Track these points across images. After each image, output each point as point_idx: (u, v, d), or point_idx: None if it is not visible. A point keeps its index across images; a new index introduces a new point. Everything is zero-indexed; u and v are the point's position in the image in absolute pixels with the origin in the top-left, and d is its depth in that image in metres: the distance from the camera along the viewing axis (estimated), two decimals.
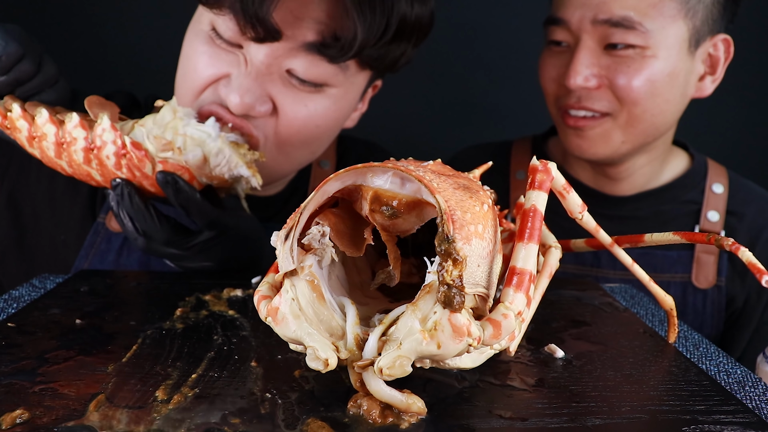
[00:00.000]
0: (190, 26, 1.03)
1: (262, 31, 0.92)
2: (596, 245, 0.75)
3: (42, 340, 0.67)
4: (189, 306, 0.80)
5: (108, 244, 1.15)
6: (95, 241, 1.15)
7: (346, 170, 0.56)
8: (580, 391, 0.60)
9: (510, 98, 1.99)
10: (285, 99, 0.98)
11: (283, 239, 0.56)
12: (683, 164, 1.36)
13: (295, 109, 0.99)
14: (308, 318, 0.54)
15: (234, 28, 0.93)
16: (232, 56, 0.97)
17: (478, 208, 0.56)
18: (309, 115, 1.00)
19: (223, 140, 0.89)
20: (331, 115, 1.04)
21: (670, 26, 1.13)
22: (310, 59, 0.96)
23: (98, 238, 1.15)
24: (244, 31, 0.92)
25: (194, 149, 0.87)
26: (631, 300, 0.93)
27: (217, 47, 0.98)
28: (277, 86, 0.98)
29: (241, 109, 0.95)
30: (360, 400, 0.54)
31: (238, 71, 0.96)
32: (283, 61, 0.96)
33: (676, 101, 1.20)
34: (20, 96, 0.89)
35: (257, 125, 0.99)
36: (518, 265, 0.56)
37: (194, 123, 0.89)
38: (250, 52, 0.96)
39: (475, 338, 0.51)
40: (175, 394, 0.56)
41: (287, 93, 0.98)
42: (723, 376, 0.69)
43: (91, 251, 1.14)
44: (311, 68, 0.96)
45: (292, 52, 0.95)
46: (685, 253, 1.28)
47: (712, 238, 0.65)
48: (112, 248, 1.14)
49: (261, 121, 0.99)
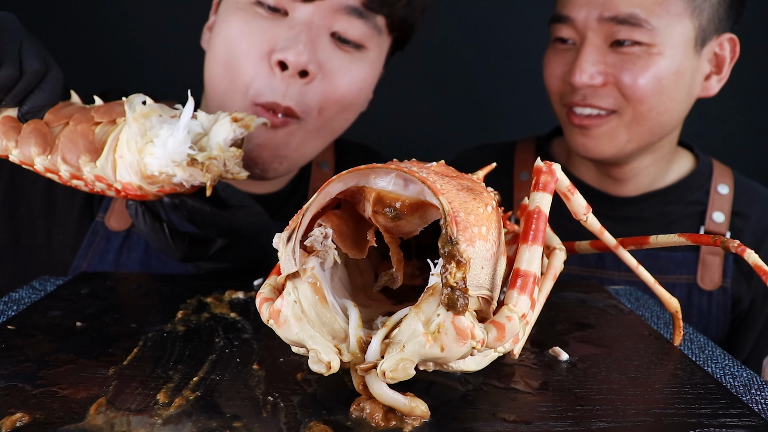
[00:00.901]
0: (223, 11, 1.07)
1: None
2: (601, 247, 0.74)
3: (42, 343, 0.67)
4: (190, 308, 0.80)
5: (107, 244, 1.14)
6: (94, 241, 1.14)
7: (349, 171, 0.56)
8: (585, 394, 0.60)
9: (514, 99, 1.99)
10: (333, 62, 1.04)
11: (285, 241, 0.56)
12: (688, 165, 1.36)
13: (342, 72, 1.05)
14: (310, 320, 0.54)
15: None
16: (279, 23, 1.02)
17: (482, 210, 0.55)
18: (353, 78, 1.07)
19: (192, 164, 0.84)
20: (369, 81, 1.11)
21: (676, 24, 1.13)
22: (353, 18, 1.03)
23: (97, 237, 1.14)
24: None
25: (178, 172, 0.84)
26: (636, 302, 0.92)
27: (262, 18, 1.02)
28: (325, 49, 1.03)
29: (301, 65, 0.99)
30: (363, 404, 0.54)
31: (289, 33, 1.00)
32: (330, 22, 1.02)
33: (681, 100, 1.19)
34: (9, 103, 0.84)
35: (303, 93, 1.03)
36: (522, 267, 0.56)
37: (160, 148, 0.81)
38: (297, 14, 1.01)
39: (478, 341, 0.51)
40: (177, 398, 0.56)
41: (334, 56, 1.04)
42: (729, 379, 0.68)
43: (90, 251, 1.14)
44: (353, 28, 1.04)
45: (337, 12, 1.02)
46: (690, 255, 1.28)
47: (717, 240, 0.65)
48: (112, 248, 1.14)
49: (308, 87, 1.03)
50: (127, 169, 0.80)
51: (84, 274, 0.94)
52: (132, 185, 0.82)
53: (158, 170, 0.79)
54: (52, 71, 0.85)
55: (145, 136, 0.79)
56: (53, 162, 0.82)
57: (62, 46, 1.79)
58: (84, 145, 0.81)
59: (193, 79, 1.14)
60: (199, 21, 1.20)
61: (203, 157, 0.80)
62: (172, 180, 0.80)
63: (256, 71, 1.02)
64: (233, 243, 0.93)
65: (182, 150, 0.78)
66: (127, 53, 1.91)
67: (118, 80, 1.86)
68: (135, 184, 0.81)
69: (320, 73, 1.03)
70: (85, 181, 0.84)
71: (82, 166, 0.82)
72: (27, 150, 0.83)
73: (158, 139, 0.78)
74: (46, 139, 0.83)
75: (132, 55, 1.90)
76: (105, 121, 0.83)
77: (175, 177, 0.80)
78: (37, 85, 0.84)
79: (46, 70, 0.84)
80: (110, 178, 0.82)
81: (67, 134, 0.82)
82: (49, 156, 0.83)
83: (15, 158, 0.84)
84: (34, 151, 0.82)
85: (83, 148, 0.81)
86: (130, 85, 1.00)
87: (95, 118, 0.83)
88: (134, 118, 0.79)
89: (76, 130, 0.82)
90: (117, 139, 0.81)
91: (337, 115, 1.10)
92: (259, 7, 1.02)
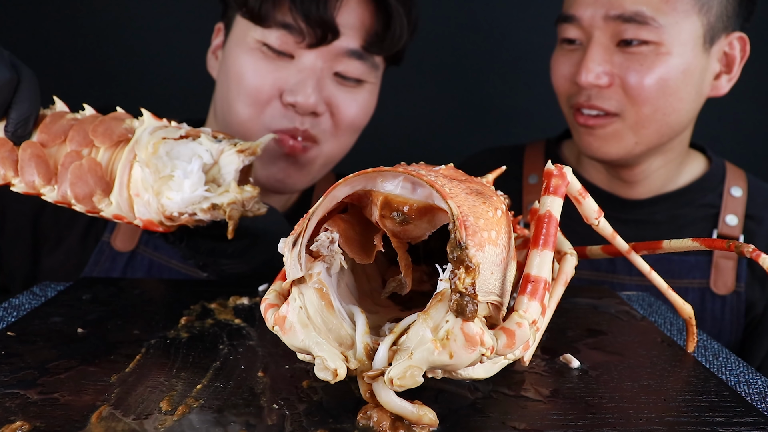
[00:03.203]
0: (231, 47, 1.14)
1: (322, 32, 1.06)
2: (613, 252, 0.74)
3: (43, 350, 0.67)
4: (194, 314, 0.79)
5: (112, 263, 1.16)
6: (99, 260, 1.16)
7: (356, 175, 0.56)
8: (597, 402, 0.59)
9: (524, 101, 1.98)
10: (339, 98, 1.14)
11: (290, 246, 0.55)
12: (701, 167, 1.35)
13: (348, 105, 1.15)
14: (316, 327, 0.53)
15: (287, 39, 1.08)
16: (286, 65, 1.10)
17: (492, 214, 0.55)
18: (359, 108, 1.17)
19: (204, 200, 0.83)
20: (372, 105, 1.22)
21: (683, 21, 1.12)
22: (353, 60, 1.12)
23: (102, 257, 1.16)
24: (303, 37, 1.07)
25: (199, 213, 0.82)
26: (649, 308, 0.92)
27: (271, 59, 1.10)
28: (330, 87, 1.12)
29: (309, 107, 1.09)
30: (370, 412, 0.53)
31: (297, 78, 1.09)
32: (332, 64, 1.11)
33: (690, 99, 1.18)
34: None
35: (316, 125, 1.13)
36: (533, 273, 0.56)
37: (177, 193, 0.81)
38: (303, 59, 1.09)
39: (488, 348, 0.50)
40: (180, 406, 0.55)
41: (338, 92, 1.14)
42: (743, 386, 0.68)
43: (95, 270, 1.16)
44: (354, 68, 1.13)
45: (339, 56, 1.11)
46: (702, 259, 1.26)
47: (732, 245, 0.64)
48: (117, 267, 1.16)
49: (319, 120, 1.13)
50: (146, 208, 0.81)
51: (85, 279, 0.94)
52: (153, 222, 0.82)
53: (177, 212, 0.80)
54: (24, 78, 0.81)
55: (159, 179, 0.79)
56: (63, 195, 0.81)
57: (60, 54, 1.79)
58: (95, 182, 0.81)
59: (191, 86, 1.14)
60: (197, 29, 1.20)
61: (219, 195, 0.81)
62: (193, 218, 0.82)
63: (269, 104, 1.11)
64: (252, 243, 0.94)
65: (198, 194, 0.80)
66: (126, 63, 1.91)
67: (117, 88, 1.86)
68: (156, 220, 0.82)
69: (328, 109, 1.13)
70: (102, 216, 0.83)
71: (97, 203, 0.82)
72: (30, 179, 0.82)
73: (173, 182, 0.79)
74: (48, 165, 0.82)
75: (131, 64, 1.90)
76: (107, 146, 0.82)
77: (195, 215, 0.81)
78: (13, 97, 0.80)
79: (19, 78, 0.80)
80: (129, 216, 0.82)
81: (74, 171, 0.81)
82: (56, 186, 0.82)
83: (19, 189, 0.83)
84: (39, 182, 0.81)
85: (94, 185, 0.81)
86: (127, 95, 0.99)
87: (95, 141, 0.82)
88: (146, 162, 0.79)
89: (83, 166, 0.81)
90: (129, 176, 0.81)
91: (349, 137, 1.21)
92: (266, 48, 1.10)
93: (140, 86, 1.87)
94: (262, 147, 0.85)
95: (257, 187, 0.83)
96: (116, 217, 0.82)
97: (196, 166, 0.80)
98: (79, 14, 1.84)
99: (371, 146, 1.43)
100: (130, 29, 1.87)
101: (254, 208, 0.84)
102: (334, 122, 1.15)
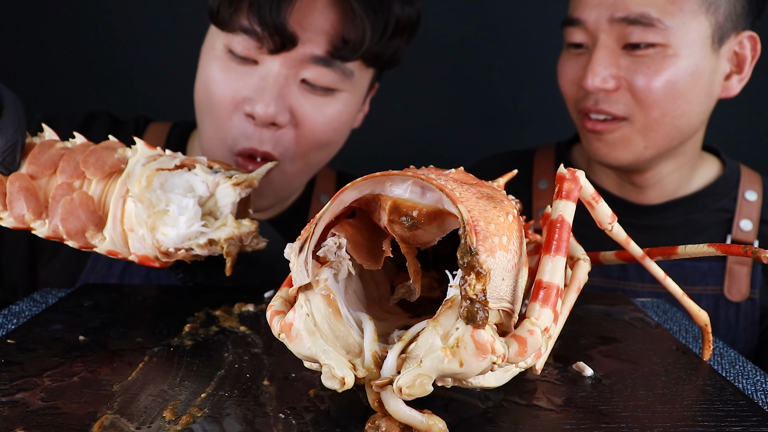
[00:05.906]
0: (203, 54, 1.11)
1: (279, 39, 1.01)
2: (627, 258, 0.73)
3: (44, 358, 0.66)
4: (198, 322, 0.79)
5: (109, 270, 1.16)
6: (95, 267, 1.16)
7: (364, 179, 0.55)
8: (610, 411, 0.58)
9: (534, 105, 1.97)
10: (304, 108, 1.07)
11: (297, 251, 0.55)
12: (714, 171, 1.34)
13: (314, 117, 1.08)
14: (324, 334, 0.53)
15: (249, 44, 1.03)
16: (250, 72, 1.05)
17: (503, 219, 0.54)
18: (326, 120, 1.10)
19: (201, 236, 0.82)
20: (345, 118, 1.13)
21: (690, 22, 1.11)
22: (320, 67, 1.06)
23: (99, 263, 1.16)
24: (262, 43, 1.02)
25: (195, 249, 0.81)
26: (664, 315, 0.91)
27: (236, 65, 1.06)
28: (296, 97, 1.06)
29: (268, 117, 1.03)
30: (378, 421, 0.53)
31: (258, 85, 1.05)
32: (297, 71, 1.05)
33: (700, 101, 1.17)
34: None
35: (278, 139, 1.07)
36: (545, 279, 0.55)
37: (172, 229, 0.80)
38: (266, 65, 1.04)
39: (499, 356, 0.50)
40: (184, 415, 0.55)
41: (305, 102, 1.07)
42: (761, 395, 0.67)
43: (92, 276, 1.15)
44: (322, 76, 1.06)
45: (304, 62, 1.05)
46: (716, 265, 1.25)
47: (749, 251, 0.63)
48: (113, 273, 1.15)
49: (281, 133, 1.07)
50: (141, 243, 0.80)
51: (87, 285, 0.93)
52: (149, 258, 0.81)
53: (173, 247, 0.79)
54: (8, 103, 0.78)
55: (154, 214, 0.78)
56: (54, 230, 0.79)
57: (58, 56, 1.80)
58: (87, 217, 0.79)
59: (190, 88, 1.14)
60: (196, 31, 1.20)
61: (216, 230, 0.79)
62: (190, 253, 0.80)
63: (231, 118, 1.07)
64: (250, 267, 0.94)
65: (194, 229, 0.78)
66: (125, 64, 1.91)
67: (115, 90, 1.86)
68: (151, 256, 0.80)
69: (293, 119, 1.07)
70: (97, 252, 0.82)
71: (90, 239, 0.80)
72: (20, 213, 0.79)
73: (168, 217, 0.78)
74: (38, 199, 0.80)
75: (130, 66, 1.91)
76: (98, 178, 0.80)
77: (192, 251, 0.80)
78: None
79: (2, 103, 0.78)
80: (124, 252, 0.81)
81: (65, 206, 0.79)
82: (47, 220, 0.80)
83: (8, 224, 0.80)
84: (29, 217, 0.79)
85: (87, 220, 0.79)
86: (126, 97, 0.98)
87: (86, 173, 0.79)
88: (139, 197, 0.78)
89: (74, 200, 0.79)
90: (122, 210, 0.79)
91: (315, 154, 1.15)
92: (231, 55, 1.06)
93: (138, 88, 1.88)
94: (259, 179, 0.83)
95: (255, 222, 0.81)
96: (110, 253, 0.80)
97: (192, 200, 0.78)
98: (78, 16, 1.85)
99: (379, 150, 1.43)
100: (128, 31, 1.88)
101: (253, 243, 0.81)
102: (297, 135, 1.09)
